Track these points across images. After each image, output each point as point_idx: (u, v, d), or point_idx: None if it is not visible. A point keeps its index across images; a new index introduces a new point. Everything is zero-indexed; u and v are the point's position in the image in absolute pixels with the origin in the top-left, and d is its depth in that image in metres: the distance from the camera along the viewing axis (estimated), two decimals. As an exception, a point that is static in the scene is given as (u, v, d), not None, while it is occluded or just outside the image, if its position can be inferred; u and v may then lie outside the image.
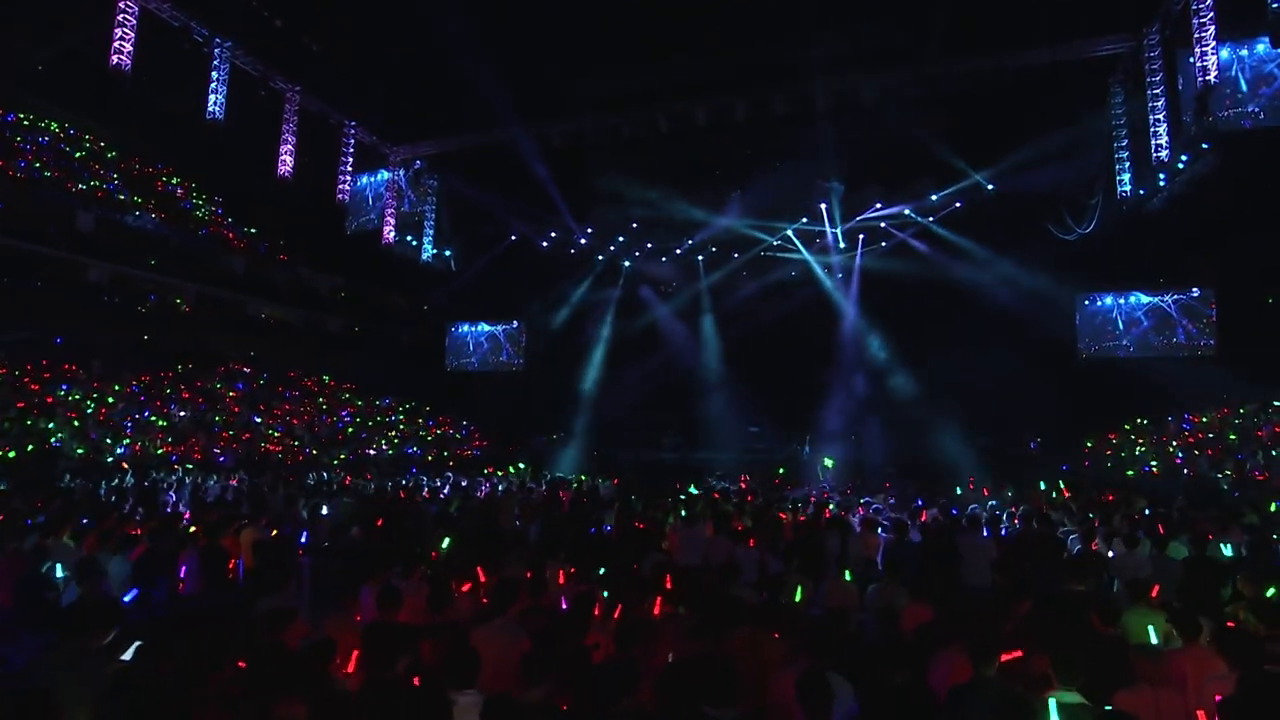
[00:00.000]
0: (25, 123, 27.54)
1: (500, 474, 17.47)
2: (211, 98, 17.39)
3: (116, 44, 15.22)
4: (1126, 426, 23.08)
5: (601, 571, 5.91)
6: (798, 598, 4.87)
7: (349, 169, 21.62)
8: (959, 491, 12.74)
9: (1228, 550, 6.76)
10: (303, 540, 7.44)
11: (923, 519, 8.69)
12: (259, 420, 21.42)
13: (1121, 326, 25.20)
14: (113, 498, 11.00)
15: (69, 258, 23.97)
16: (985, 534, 7.82)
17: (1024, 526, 7.91)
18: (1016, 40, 18.15)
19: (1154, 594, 4.61)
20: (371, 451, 22.91)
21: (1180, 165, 18.77)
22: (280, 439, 21.44)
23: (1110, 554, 6.93)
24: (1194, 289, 24.24)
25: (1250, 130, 18.35)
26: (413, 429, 27.84)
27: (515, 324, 33.58)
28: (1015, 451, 23.00)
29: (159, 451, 16.59)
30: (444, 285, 31.53)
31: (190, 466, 15.73)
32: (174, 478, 12.99)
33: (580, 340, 29.43)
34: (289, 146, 19.51)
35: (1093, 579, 5.88)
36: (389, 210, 23.39)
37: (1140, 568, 6.21)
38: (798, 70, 20.27)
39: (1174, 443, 19.12)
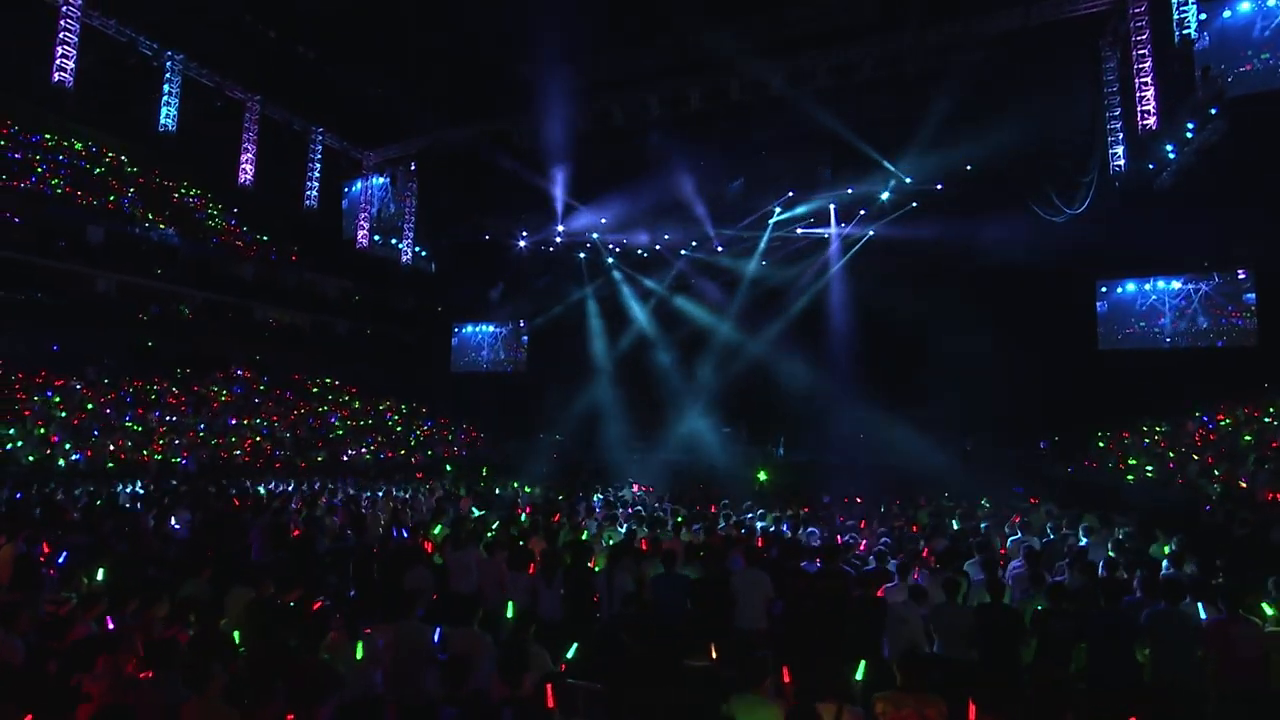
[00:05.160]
0: (50, 142, 29.15)
1: (428, 483, 17.17)
2: (164, 109, 17.80)
3: (58, 61, 15.64)
4: (1145, 426, 20.89)
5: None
6: (359, 655, 4.20)
7: (316, 175, 21.81)
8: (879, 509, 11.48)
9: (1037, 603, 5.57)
10: (60, 560, 7.21)
11: (759, 543, 7.73)
12: (234, 423, 21.88)
13: (1146, 315, 22.91)
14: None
15: (77, 270, 25.19)
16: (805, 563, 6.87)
17: (825, 562, 6.83)
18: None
19: (785, 676, 3.62)
20: (348, 455, 23.09)
21: (1189, 134, 16.72)
22: (259, 443, 21.86)
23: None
24: (1229, 271, 21.78)
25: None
26: (406, 431, 28.06)
27: (523, 323, 33.67)
28: (1016, 453, 21.16)
29: (111, 461, 17.06)
30: (451, 287, 31.78)
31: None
32: (88, 488, 13.24)
33: (569, 339, 29.07)
34: (249, 155, 19.79)
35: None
36: (363, 215, 23.57)
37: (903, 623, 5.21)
38: (763, 53, 19.26)
39: (1182, 445, 17.03)
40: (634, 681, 3.79)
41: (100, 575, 6.06)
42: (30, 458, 15.78)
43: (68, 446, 16.79)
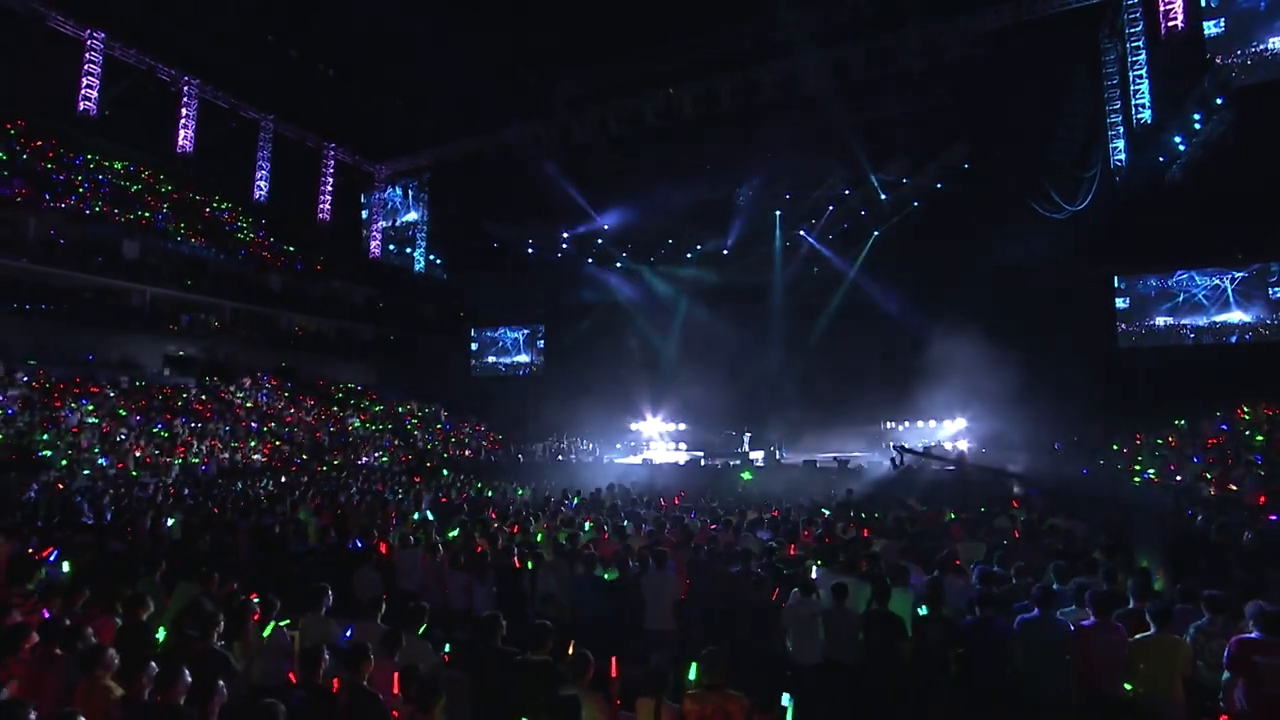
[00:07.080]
0: (92, 164, 30.74)
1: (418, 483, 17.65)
2: (181, 132, 18.70)
3: (83, 90, 16.59)
4: (1165, 425, 20.24)
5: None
6: (262, 640, 4.59)
7: (329, 189, 22.63)
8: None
9: (905, 601, 5.57)
10: (51, 559, 7.82)
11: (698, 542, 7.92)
12: (257, 428, 22.86)
13: (1168, 312, 22.17)
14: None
15: (113, 283, 26.55)
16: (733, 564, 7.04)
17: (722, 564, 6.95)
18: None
19: (613, 670, 3.81)
20: (365, 459, 23.87)
21: (1196, 126, 16.25)
22: (279, 447, 22.79)
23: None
24: (1259, 264, 20.94)
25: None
26: (423, 434, 28.83)
27: (540, 327, 34.27)
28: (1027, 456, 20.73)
29: (137, 466, 18.05)
30: (466, 292, 32.51)
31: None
32: (99, 486, 14.14)
33: (587, 342, 29.48)
34: (264, 171, 20.65)
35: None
36: (376, 226, 24.37)
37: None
38: (770, 54, 19.36)
39: (1190, 447, 16.51)
40: (483, 672, 4.16)
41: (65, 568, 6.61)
42: (63, 463, 16.85)
43: (95, 451, 17.86)
